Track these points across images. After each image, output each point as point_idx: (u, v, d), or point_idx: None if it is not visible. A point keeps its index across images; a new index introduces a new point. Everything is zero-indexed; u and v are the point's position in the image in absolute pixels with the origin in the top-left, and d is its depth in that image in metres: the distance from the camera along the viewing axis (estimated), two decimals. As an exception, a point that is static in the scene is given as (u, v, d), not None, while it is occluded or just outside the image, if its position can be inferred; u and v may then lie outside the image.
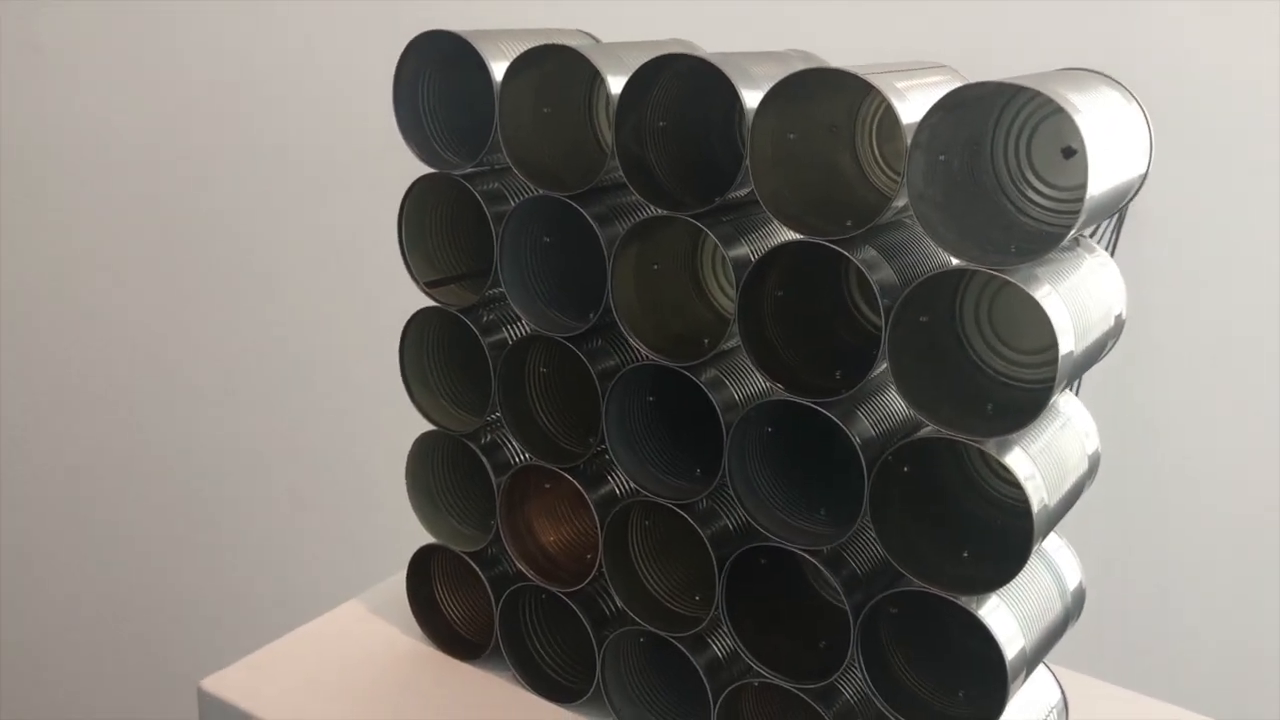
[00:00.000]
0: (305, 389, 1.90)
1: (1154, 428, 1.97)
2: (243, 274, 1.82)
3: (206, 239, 1.77)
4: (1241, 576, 1.90)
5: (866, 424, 0.85)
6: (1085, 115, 0.72)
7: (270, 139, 1.77)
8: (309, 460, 1.93)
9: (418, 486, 1.10)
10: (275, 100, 1.76)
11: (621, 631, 1.00)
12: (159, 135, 1.71)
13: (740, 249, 0.88)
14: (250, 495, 1.91)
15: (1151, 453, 1.98)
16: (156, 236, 1.74)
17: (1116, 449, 2.00)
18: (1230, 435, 1.89)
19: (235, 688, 1.07)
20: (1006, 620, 0.82)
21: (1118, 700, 1.07)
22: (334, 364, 1.89)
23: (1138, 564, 2.00)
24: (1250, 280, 1.82)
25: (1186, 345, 1.93)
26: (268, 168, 1.78)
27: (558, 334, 0.96)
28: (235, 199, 1.78)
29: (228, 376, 1.84)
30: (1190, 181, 1.88)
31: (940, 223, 0.76)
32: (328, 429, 1.91)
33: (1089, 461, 0.87)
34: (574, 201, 0.92)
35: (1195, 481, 1.94)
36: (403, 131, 0.99)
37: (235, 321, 1.83)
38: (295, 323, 1.87)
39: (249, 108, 1.74)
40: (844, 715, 0.91)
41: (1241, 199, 1.82)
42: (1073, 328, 0.75)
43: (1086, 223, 0.75)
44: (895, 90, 0.78)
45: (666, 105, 0.91)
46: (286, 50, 1.73)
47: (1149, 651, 1.99)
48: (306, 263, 1.84)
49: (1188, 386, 1.93)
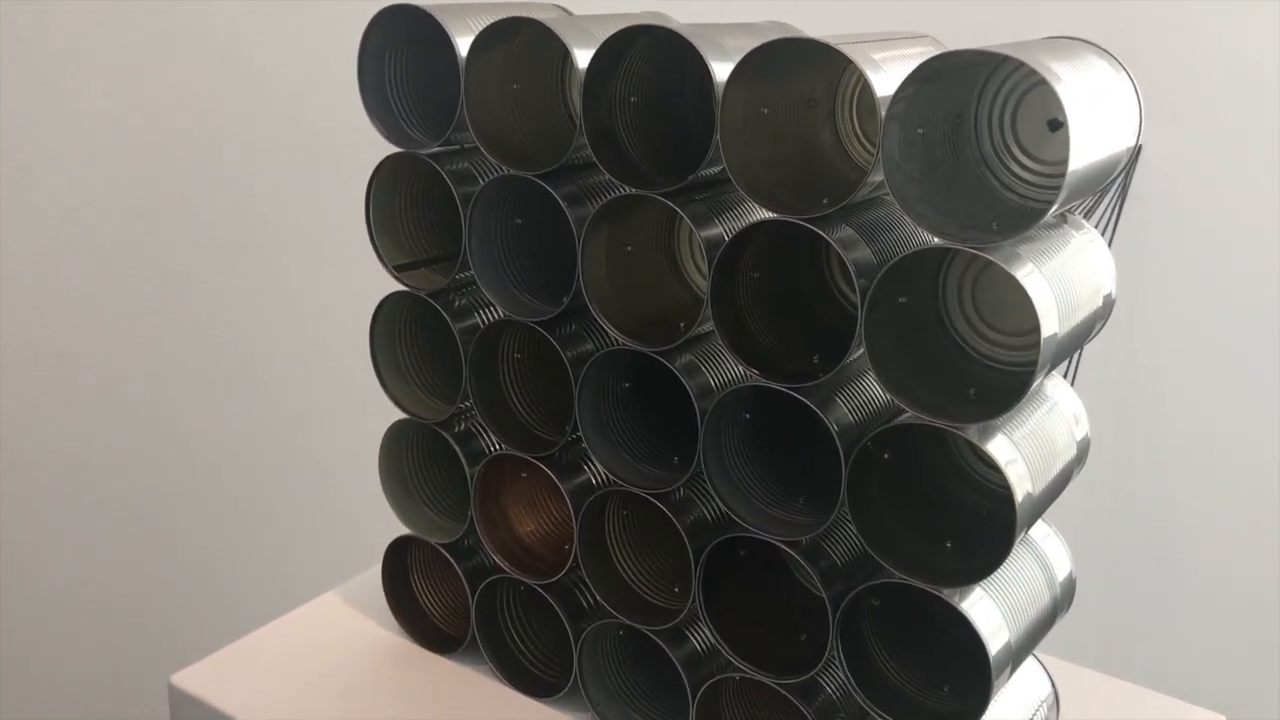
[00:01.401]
0: (278, 378, 1.87)
1: (1155, 414, 1.94)
2: (210, 261, 1.79)
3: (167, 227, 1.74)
4: (1244, 567, 1.87)
5: (845, 410, 0.82)
6: (1069, 86, 0.69)
7: (243, 122, 1.74)
8: (284, 451, 1.90)
9: (391, 477, 1.07)
10: (244, 81, 1.73)
11: (599, 624, 0.97)
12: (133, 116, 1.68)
13: (714, 229, 0.85)
14: (223, 488, 1.89)
15: (1152, 440, 1.95)
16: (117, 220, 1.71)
17: (1116, 436, 1.98)
18: (1232, 422, 1.85)
19: (206, 683, 1.05)
20: (991, 612, 0.79)
21: (1112, 692, 1.04)
22: (307, 353, 1.86)
23: (1137, 553, 1.97)
24: (1255, 265, 1.79)
25: (1189, 330, 1.90)
26: (238, 151, 1.75)
27: (529, 319, 0.93)
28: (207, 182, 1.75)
29: (196, 369, 1.82)
30: (1195, 163, 1.85)
31: (917, 198, 0.73)
32: (304, 419, 1.89)
33: (1077, 447, 0.84)
34: (543, 181, 0.89)
35: (1197, 468, 1.91)
36: (368, 109, 0.96)
37: (204, 312, 1.80)
38: (266, 311, 1.84)
39: (217, 90, 1.71)
40: (825, 711, 0.88)
41: (1247, 182, 1.79)
42: (1057, 308, 0.72)
43: (1070, 198, 0.72)
44: (871, 61, 0.74)
45: (638, 80, 0.88)
46: (247, 29, 1.70)
47: (1149, 641, 1.96)
48: (275, 247, 1.81)
49: (1190, 371, 1.90)
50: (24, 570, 1.74)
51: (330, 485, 1.90)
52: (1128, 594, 2.00)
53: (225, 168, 1.76)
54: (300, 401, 1.88)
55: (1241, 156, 1.81)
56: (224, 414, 1.85)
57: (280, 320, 1.85)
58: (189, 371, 1.81)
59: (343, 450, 1.72)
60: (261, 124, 1.75)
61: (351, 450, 1.27)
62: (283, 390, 1.87)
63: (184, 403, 1.82)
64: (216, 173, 1.76)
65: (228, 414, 1.85)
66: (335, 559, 1.32)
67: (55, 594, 1.78)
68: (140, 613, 1.85)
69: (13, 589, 1.73)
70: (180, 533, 1.86)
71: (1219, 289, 1.87)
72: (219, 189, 1.77)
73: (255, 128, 1.75)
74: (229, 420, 1.86)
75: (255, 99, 1.74)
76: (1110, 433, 1.94)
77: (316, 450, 1.90)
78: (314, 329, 1.84)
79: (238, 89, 1.73)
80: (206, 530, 1.88)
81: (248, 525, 1.91)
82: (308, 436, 1.89)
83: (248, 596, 1.88)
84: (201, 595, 1.89)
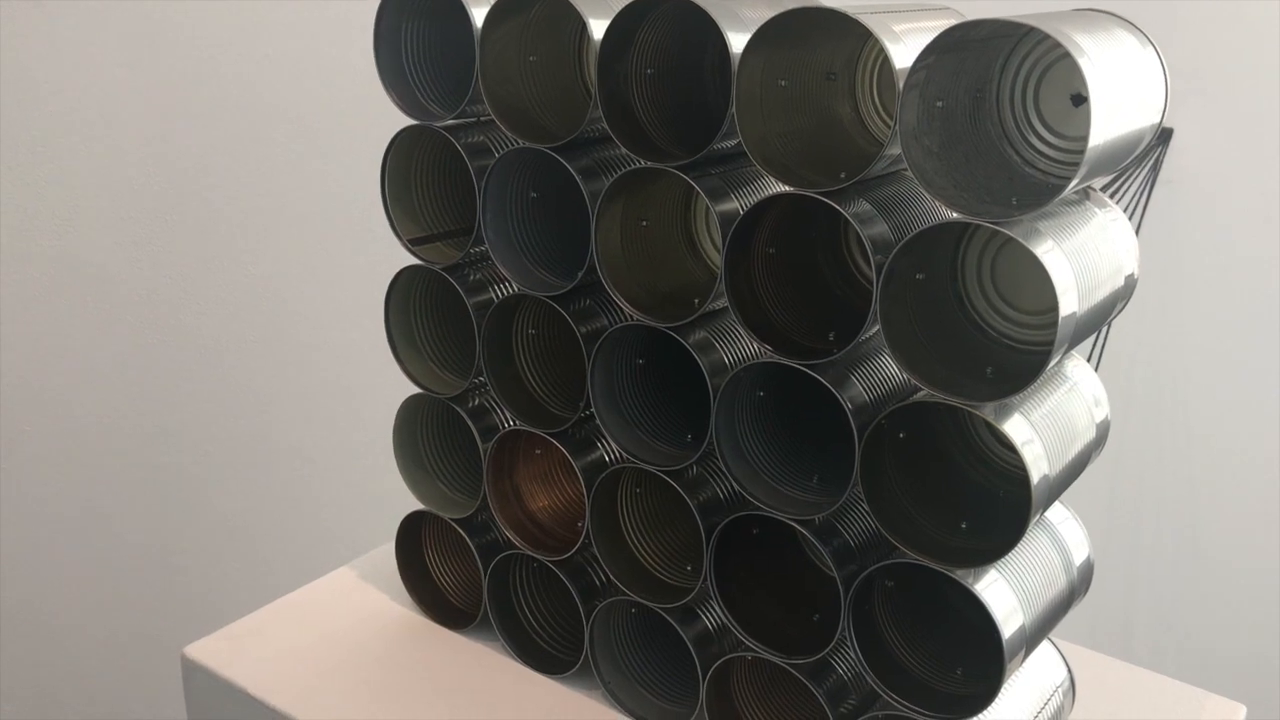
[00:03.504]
0: (298, 350, 1.87)
1: (1185, 399, 1.92)
2: (223, 236, 1.79)
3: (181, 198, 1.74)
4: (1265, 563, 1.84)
5: (860, 388, 0.81)
6: (1093, 60, 0.67)
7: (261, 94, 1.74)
8: (302, 425, 1.91)
9: (405, 451, 1.07)
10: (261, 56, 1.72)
11: (611, 601, 0.97)
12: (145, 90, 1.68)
13: (729, 203, 0.84)
14: (240, 462, 1.89)
15: (1181, 425, 1.93)
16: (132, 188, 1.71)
17: (1144, 421, 1.95)
18: (1263, 408, 1.83)
19: (219, 655, 1.05)
20: (1005, 595, 0.78)
21: (1129, 679, 1.02)
22: (327, 326, 1.86)
23: (1164, 540, 1.95)
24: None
25: (1220, 314, 1.87)
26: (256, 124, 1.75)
27: (543, 293, 0.92)
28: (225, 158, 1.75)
29: (215, 341, 1.82)
30: (1227, 149, 1.82)
31: (935, 172, 0.71)
32: (322, 392, 1.89)
33: (1097, 430, 0.82)
34: (558, 154, 0.88)
35: (1226, 453, 1.88)
36: (384, 81, 0.95)
37: (223, 283, 1.80)
38: (287, 284, 1.84)
39: (235, 64, 1.71)
40: (837, 692, 0.87)
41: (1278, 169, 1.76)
42: (1076, 286, 0.71)
43: (1090, 174, 0.70)
44: (891, 32, 0.73)
45: (654, 51, 0.87)
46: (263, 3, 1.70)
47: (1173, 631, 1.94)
48: (288, 221, 1.80)
49: (1219, 356, 1.87)
50: (39, 541, 1.75)
51: (347, 459, 1.90)
52: (1153, 583, 1.97)
53: (241, 142, 1.76)
54: (319, 375, 1.88)
55: (1274, 142, 1.77)
56: (240, 387, 1.85)
57: (294, 293, 1.85)
58: (205, 344, 1.82)
59: (361, 425, 1.72)
60: (278, 98, 1.74)
61: (368, 424, 1.27)
62: (302, 363, 1.87)
63: (199, 374, 1.83)
64: (232, 147, 1.75)
65: (244, 387, 1.86)
66: (351, 534, 1.32)
67: (71, 566, 1.79)
68: (155, 584, 1.87)
69: (27, 559, 1.75)
70: (196, 505, 1.87)
71: (1249, 274, 1.85)
72: (235, 162, 1.76)
73: (272, 102, 1.75)
74: (246, 393, 1.86)
75: (274, 72, 1.73)
76: (1139, 417, 1.92)
77: (334, 424, 1.90)
78: (334, 302, 1.84)
79: (258, 61, 1.73)
80: (223, 502, 1.89)
81: (264, 499, 1.92)
82: (326, 410, 1.90)
83: (263, 570, 1.89)
84: (216, 568, 1.90)
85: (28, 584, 1.75)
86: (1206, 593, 1.92)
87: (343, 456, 1.92)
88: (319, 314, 1.86)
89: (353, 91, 1.67)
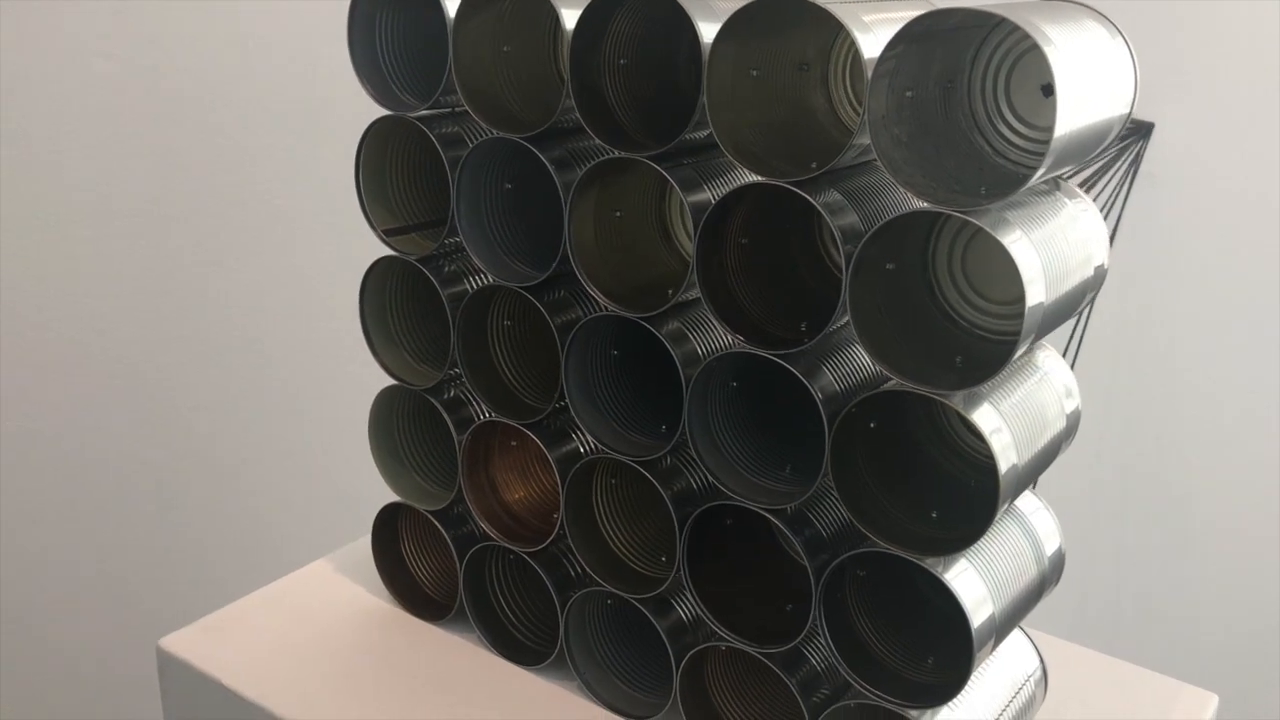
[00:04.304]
0: (269, 344, 1.87)
1: (1164, 393, 1.93)
2: (201, 226, 1.78)
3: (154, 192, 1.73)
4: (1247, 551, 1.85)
5: (831, 378, 0.81)
6: (1060, 50, 0.67)
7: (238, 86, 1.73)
8: (277, 417, 1.90)
9: (381, 443, 1.07)
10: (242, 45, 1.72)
11: (586, 593, 0.97)
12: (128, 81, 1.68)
13: (702, 193, 0.84)
14: (215, 454, 1.89)
15: (1163, 417, 1.93)
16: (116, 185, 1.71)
17: (1126, 411, 1.95)
18: (1242, 402, 1.83)
19: (194, 647, 1.05)
20: (975, 584, 0.78)
21: (1103, 669, 1.03)
22: (299, 318, 1.86)
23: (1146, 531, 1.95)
24: (1266, 245, 1.77)
25: (1200, 307, 1.88)
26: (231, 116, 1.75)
27: (516, 284, 0.92)
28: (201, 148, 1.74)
29: (187, 336, 1.81)
30: (1208, 142, 1.82)
31: (904, 161, 0.71)
32: (296, 385, 1.88)
33: (1067, 420, 0.83)
34: (531, 144, 0.88)
35: (1212, 445, 1.89)
36: (358, 72, 0.95)
37: (193, 279, 1.79)
38: (255, 278, 1.84)
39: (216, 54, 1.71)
40: (809, 682, 0.87)
41: (1260, 162, 1.76)
42: (1044, 275, 0.71)
43: (1058, 164, 0.70)
44: (860, 23, 0.73)
45: (627, 41, 0.87)
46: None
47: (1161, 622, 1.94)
48: (266, 213, 1.80)
49: (1199, 349, 1.88)
50: (14, 536, 1.75)
51: (324, 452, 1.90)
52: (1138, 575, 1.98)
53: (223, 133, 1.75)
54: (292, 367, 1.88)
55: (1255, 137, 1.78)
56: (216, 381, 1.85)
57: (271, 287, 1.84)
58: (179, 338, 1.81)
59: (337, 416, 1.72)
60: (258, 88, 1.74)
61: (345, 416, 1.27)
62: (274, 356, 1.87)
63: (176, 369, 1.82)
64: (213, 138, 1.75)
65: (220, 381, 1.85)
66: (329, 526, 1.32)
67: (46, 559, 1.79)
68: (130, 577, 1.86)
69: (2, 554, 1.74)
70: (171, 498, 1.87)
71: (1231, 267, 1.85)
72: (214, 154, 1.76)
73: (250, 93, 1.74)
74: (221, 387, 1.86)
75: (252, 63, 1.73)
76: (1121, 409, 1.93)
77: (310, 416, 1.90)
78: (306, 295, 1.84)
79: (236, 52, 1.73)
80: (197, 496, 1.89)
81: (239, 491, 1.91)
82: (301, 402, 1.89)
83: (239, 562, 1.88)
84: (192, 560, 1.90)
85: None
86: (1189, 584, 1.93)
87: (319, 448, 1.91)
88: (295, 305, 1.85)
89: (337, 81, 1.67)
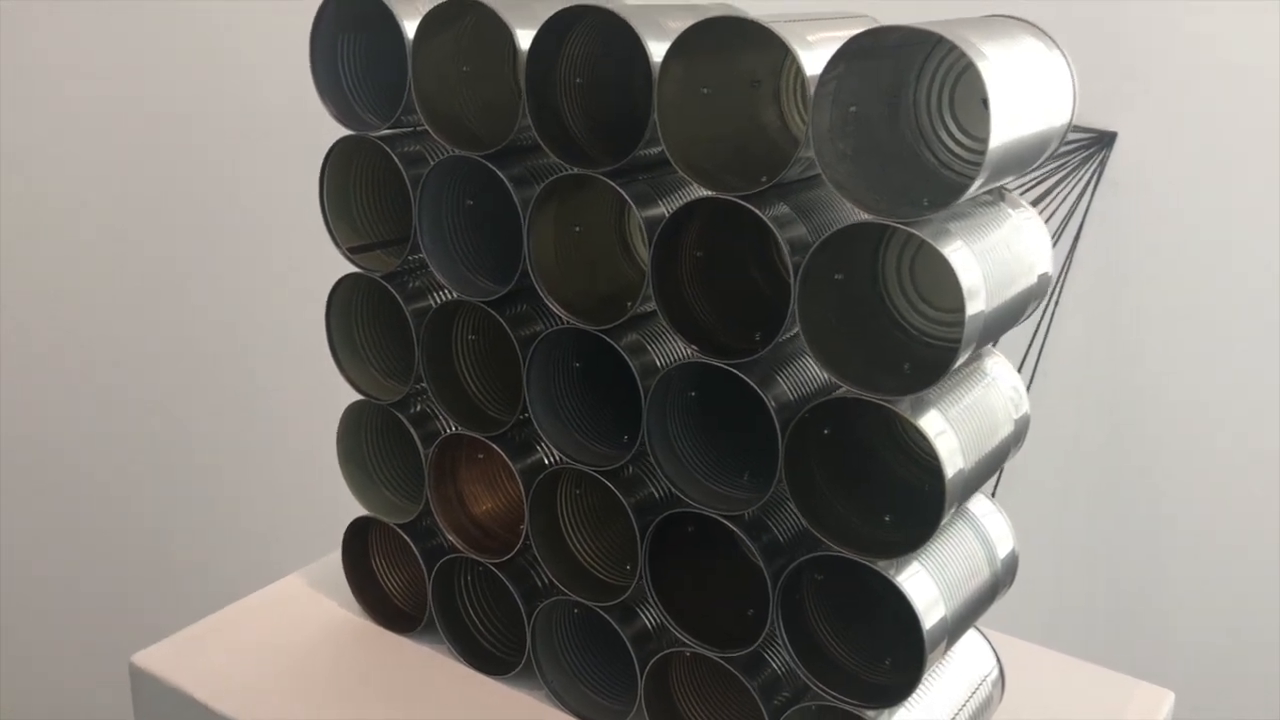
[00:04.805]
0: (241, 360, 1.88)
1: (1128, 399, 1.95)
2: (176, 242, 1.80)
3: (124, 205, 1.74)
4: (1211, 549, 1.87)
5: (785, 387, 0.83)
6: (994, 64, 0.69)
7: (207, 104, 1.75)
8: (249, 435, 1.91)
9: (349, 458, 1.08)
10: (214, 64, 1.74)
11: (552, 602, 0.98)
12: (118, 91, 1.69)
13: (657, 208, 0.86)
14: (188, 471, 1.89)
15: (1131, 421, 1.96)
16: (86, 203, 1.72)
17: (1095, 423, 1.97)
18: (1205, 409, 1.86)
19: (167, 663, 1.06)
20: (927, 586, 0.80)
21: (1060, 667, 1.05)
22: (272, 335, 1.87)
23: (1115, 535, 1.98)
24: (1228, 249, 1.79)
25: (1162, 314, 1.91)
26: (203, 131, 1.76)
27: (478, 298, 0.94)
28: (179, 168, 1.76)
29: (161, 352, 1.82)
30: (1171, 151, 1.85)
31: (847, 174, 0.73)
32: (268, 401, 1.89)
33: (1015, 425, 0.85)
34: (490, 161, 0.90)
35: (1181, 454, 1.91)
36: (320, 92, 0.96)
37: (167, 294, 1.80)
38: (228, 294, 1.85)
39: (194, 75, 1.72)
40: (770, 685, 0.89)
41: (1222, 170, 1.79)
42: (985, 285, 0.73)
43: (996, 175, 0.72)
44: (804, 41, 0.75)
45: (583, 61, 0.89)
46: (202, 15, 1.71)
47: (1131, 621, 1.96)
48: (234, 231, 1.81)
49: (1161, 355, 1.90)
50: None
51: (296, 467, 1.91)
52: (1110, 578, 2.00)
53: (195, 152, 1.77)
54: (263, 384, 1.89)
55: (1216, 144, 1.81)
56: (189, 397, 1.86)
57: (244, 303, 1.85)
58: (153, 354, 1.82)
59: (310, 432, 1.73)
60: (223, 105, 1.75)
61: (317, 432, 1.28)
62: (245, 373, 1.88)
63: (149, 385, 1.83)
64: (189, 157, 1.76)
65: (192, 397, 1.86)
66: (301, 541, 1.33)
67: (18, 574, 1.79)
68: (103, 593, 1.87)
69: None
70: (142, 515, 1.87)
71: (1195, 274, 1.88)
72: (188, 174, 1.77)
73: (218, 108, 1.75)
74: (195, 403, 1.86)
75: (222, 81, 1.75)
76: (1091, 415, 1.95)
77: (284, 433, 1.91)
78: (278, 311, 1.85)
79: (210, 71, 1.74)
80: (169, 512, 1.89)
81: (210, 507, 1.92)
82: (275, 419, 1.90)
83: (211, 578, 1.89)
84: (165, 576, 1.90)
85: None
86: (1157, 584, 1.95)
87: (291, 463, 1.92)
88: (269, 319, 1.86)
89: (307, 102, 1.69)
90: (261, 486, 1.94)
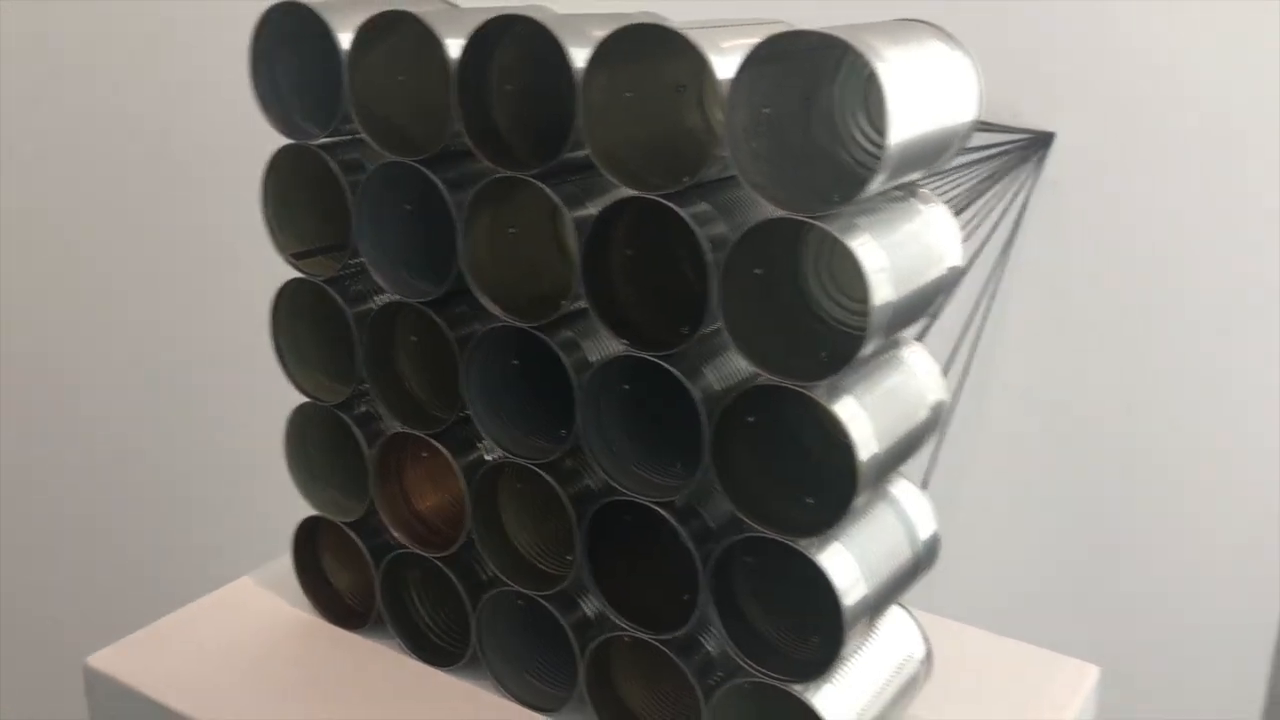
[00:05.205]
0: (194, 363, 1.89)
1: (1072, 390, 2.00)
2: (111, 248, 1.81)
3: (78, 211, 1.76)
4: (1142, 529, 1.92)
5: (711, 378, 0.87)
6: (891, 64, 0.73)
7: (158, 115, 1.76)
8: (201, 437, 1.92)
9: (296, 459, 1.11)
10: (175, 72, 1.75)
11: (495, 593, 1.01)
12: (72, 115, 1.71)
13: (586, 209, 0.89)
14: (139, 472, 1.90)
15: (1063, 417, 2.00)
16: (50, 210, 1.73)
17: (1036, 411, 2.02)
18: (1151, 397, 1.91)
19: (122, 664, 1.08)
20: (849, 565, 0.84)
21: (986, 644, 1.09)
22: (219, 339, 1.88)
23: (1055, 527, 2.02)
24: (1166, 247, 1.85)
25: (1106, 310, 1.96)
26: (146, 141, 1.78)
27: (416, 300, 0.97)
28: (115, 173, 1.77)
29: (114, 353, 1.83)
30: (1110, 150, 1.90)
31: (759, 172, 0.77)
32: (221, 404, 1.91)
33: (930, 410, 0.89)
34: (425, 166, 0.93)
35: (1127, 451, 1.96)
36: (260, 102, 0.99)
37: (123, 297, 1.82)
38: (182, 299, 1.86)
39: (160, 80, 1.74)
40: (704, 666, 0.92)
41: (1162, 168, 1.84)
42: (892, 275, 0.77)
43: (900, 171, 0.76)
44: (718, 48, 0.79)
45: (513, 69, 0.92)
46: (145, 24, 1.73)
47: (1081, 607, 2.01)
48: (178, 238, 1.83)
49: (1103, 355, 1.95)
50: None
51: (248, 469, 1.93)
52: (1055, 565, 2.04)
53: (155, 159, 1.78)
54: (216, 387, 1.90)
55: (1154, 143, 1.86)
56: (139, 402, 1.87)
57: (190, 310, 1.86)
58: (102, 358, 1.83)
59: (258, 435, 1.75)
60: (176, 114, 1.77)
61: (267, 435, 1.30)
62: (198, 375, 1.89)
63: (103, 387, 1.84)
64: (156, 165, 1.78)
65: (143, 402, 1.87)
66: (253, 542, 1.35)
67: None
68: (57, 596, 1.87)
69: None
70: (96, 518, 1.88)
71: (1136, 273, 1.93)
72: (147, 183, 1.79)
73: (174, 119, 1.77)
74: (144, 408, 1.87)
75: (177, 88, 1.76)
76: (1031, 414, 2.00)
77: (233, 436, 1.92)
78: (224, 316, 1.86)
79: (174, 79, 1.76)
80: (124, 517, 1.90)
81: (163, 510, 1.93)
82: (224, 423, 1.91)
83: (164, 579, 1.90)
84: (119, 579, 1.92)
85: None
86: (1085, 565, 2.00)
87: (240, 466, 1.94)
88: (221, 325, 1.88)
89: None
90: (213, 490, 1.95)
